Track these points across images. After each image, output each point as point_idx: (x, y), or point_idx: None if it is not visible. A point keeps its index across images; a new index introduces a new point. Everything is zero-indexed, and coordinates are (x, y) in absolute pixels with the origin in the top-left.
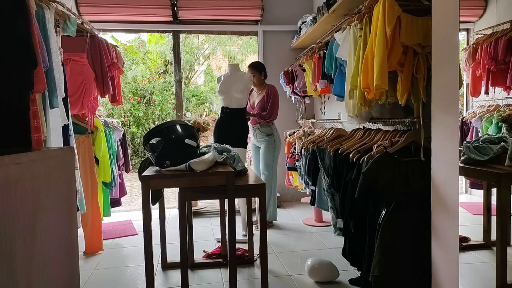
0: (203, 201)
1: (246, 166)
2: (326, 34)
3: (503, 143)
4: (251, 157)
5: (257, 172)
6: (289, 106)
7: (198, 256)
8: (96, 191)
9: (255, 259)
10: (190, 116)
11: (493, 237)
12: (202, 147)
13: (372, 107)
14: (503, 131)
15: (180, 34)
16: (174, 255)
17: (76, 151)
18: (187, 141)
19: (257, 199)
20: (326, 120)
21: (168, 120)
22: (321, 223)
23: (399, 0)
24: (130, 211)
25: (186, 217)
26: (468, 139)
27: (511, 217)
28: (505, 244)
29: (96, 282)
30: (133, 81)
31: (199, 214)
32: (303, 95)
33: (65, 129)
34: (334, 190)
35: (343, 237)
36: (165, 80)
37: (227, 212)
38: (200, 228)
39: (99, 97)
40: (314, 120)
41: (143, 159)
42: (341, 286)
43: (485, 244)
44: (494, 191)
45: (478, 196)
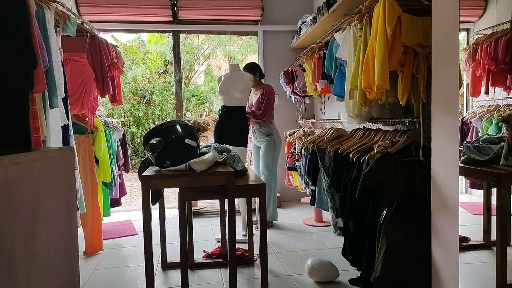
0: (203, 201)
1: (246, 166)
2: (326, 34)
3: (503, 143)
4: (251, 157)
5: (257, 172)
6: (289, 106)
7: (198, 256)
8: (96, 191)
9: (255, 259)
10: (190, 116)
11: (493, 237)
12: (202, 147)
13: (372, 107)
14: (503, 131)
15: (180, 34)
16: (174, 255)
17: (76, 151)
18: (187, 141)
19: (257, 199)
20: (326, 120)
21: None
22: (321, 223)
23: (399, 0)
24: (130, 211)
25: (186, 217)
26: (468, 139)
27: (511, 217)
28: (505, 244)
29: (96, 282)
30: (133, 81)
31: (199, 214)
32: (303, 95)
33: (65, 129)
34: (334, 190)
35: (343, 237)
36: (165, 80)
37: (227, 212)
38: (200, 228)
39: (99, 97)
40: (314, 120)
41: (143, 159)
42: (341, 286)
43: (485, 244)
44: (494, 191)
45: (478, 196)
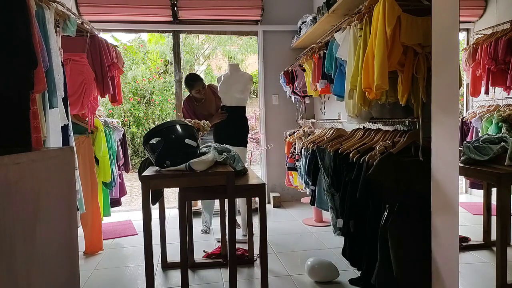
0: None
1: (246, 166)
2: (326, 34)
3: (503, 143)
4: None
5: None
6: (289, 106)
7: (198, 256)
8: (96, 191)
9: (255, 259)
10: None
11: (493, 237)
12: (202, 147)
13: (372, 107)
14: (503, 131)
15: (180, 34)
16: (174, 255)
17: (76, 151)
18: (187, 141)
19: (257, 199)
20: (326, 120)
21: (168, 120)
22: (321, 223)
23: (399, 0)
24: (130, 211)
25: (186, 217)
26: (468, 139)
27: (511, 217)
28: (505, 244)
29: (96, 282)
30: (133, 81)
31: (199, 214)
32: (303, 95)
33: (65, 129)
34: (334, 190)
35: (343, 237)
36: (165, 80)
37: (227, 212)
38: (200, 228)
39: (99, 97)
40: (314, 120)
41: (143, 159)
42: (341, 286)
43: (485, 244)
44: (494, 191)
45: (478, 196)
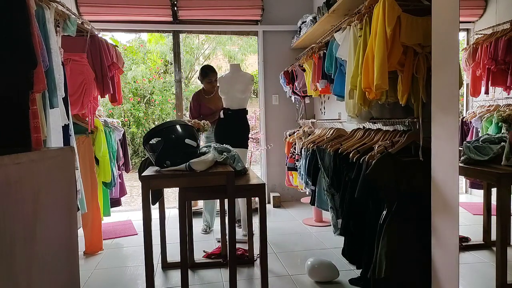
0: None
1: (246, 166)
2: (326, 34)
3: (503, 143)
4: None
5: None
6: (289, 106)
7: (198, 256)
8: (96, 191)
9: (255, 259)
10: None
11: (493, 237)
12: (202, 147)
13: (372, 107)
14: (503, 131)
15: (180, 34)
16: (174, 255)
17: (76, 151)
18: (187, 141)
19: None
20: (326, 120)
21: (168, 120)
22: (321, 223)
23: (399, 0)
24: (130, 211)
25: (186, 217)
26: (468, 139)
27: (511, 217)
28: (505, 244)
29: (96, 282)
30: (133, 81)
31: (199, 214)
32: (303, 95)
33: (65, 129)
34: (334, 190)
35: (343, 237)
36: (165, 80)
37: (227, 212)
38: (200, 228)
39: (99, 97)
40: (314, 120)
41: (143, 159)
42: (341, 286)
43: (485, 244)
44: (494, 191)
45: (478, 196)
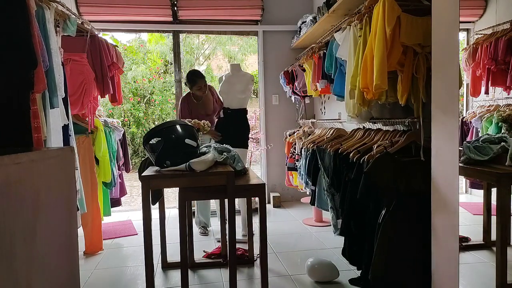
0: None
1: (246, 166)
2: (326, 34)
3: (503, 143)
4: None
5: None
6: (289, 106)
7: (198, 256)
8: (96, 191)
9: (255, 259)
10: None
11: (493, 237)
12: (202, 147)
13: (372, 107)
14: (503, 131)
15: (180, 34)
16: (174, 255)
17: (76, 151)
18: (187, 141)
19: (257, 199)
20: (326, 120)
21: (168, 120)
22: (321, 223)
23: (399, 0)
24: (130, 211)
25: (186, 217)
26: (468, 139)
27: (511, 217)
28: (505, 244)
29: (96, 282)
30: (133, 81)
31: None
32: (303, 95)
33: (65, 129)
34: (334, 190)
35: (343, 237)
36: (165, 80)
37: (227, 212)
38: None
39: (99, 97)
40: (314, 120)
41: (143, 159)
42: (341, 286)
43: (485, 244)
44: (494, 191)
45: (478, 196)
